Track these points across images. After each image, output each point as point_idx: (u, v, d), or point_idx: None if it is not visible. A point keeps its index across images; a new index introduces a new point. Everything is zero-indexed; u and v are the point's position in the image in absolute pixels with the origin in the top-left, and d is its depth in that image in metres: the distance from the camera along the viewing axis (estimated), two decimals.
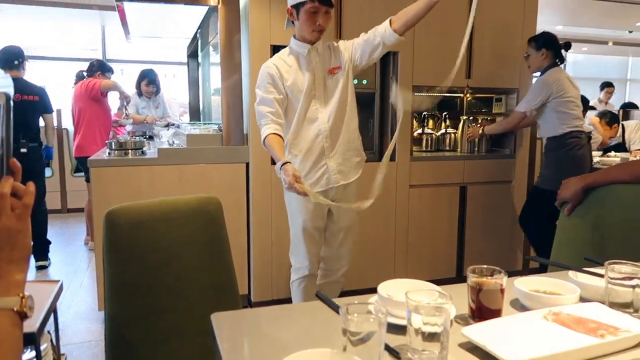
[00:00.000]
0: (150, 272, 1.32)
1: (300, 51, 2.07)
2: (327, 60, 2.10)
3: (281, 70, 2.04)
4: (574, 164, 2.89)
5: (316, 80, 2.06)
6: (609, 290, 1.00)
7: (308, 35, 2.02)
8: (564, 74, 2.94)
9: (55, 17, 6.48)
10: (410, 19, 1.96)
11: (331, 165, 2.11)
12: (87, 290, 3.35)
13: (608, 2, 6.03)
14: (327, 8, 1.97)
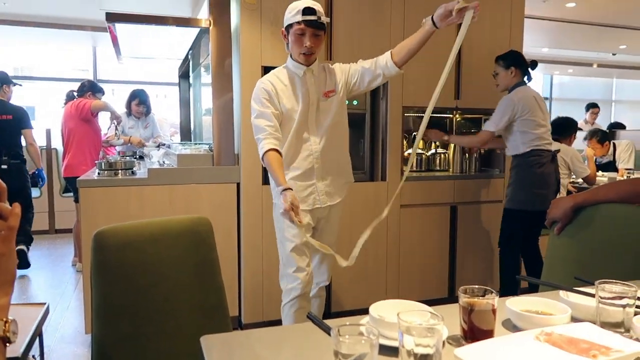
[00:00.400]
0: (138, 294, 1.30)
1: (297, 72, 2.09)
2: (322, 83, 2.12)
3: (277, 88, 2.05)
4: (533, 182, 2.90)
5: (310, 101, 2.08)
6: (600, 310, 1.00)
7: (297, 57, 2.05)
8: (531, 93, 2.94)
9: (47, 38, 6.50)
10: (411, 52, 2.05)
11: (319, 186, 2.14)
12: (74, 313, 3.28)
13: (591, 25, 6.19)
14: (315, 30, 1.97)
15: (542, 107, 2.94)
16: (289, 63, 2.12)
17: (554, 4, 5.35)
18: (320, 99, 2.10)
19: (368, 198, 3.03)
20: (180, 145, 3.67)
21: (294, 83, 2.09)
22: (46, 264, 4.50)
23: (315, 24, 1.96)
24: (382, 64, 2.08)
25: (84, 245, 2.63)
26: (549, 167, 2.93)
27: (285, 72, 2.11)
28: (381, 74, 2.10)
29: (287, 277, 2.16)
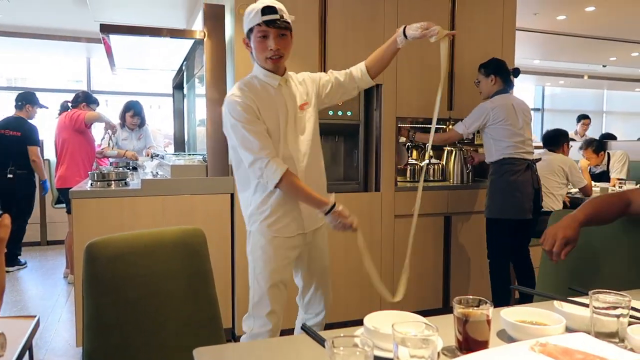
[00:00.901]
0: (131, 306, 1.29)
1: (270, 82, 1.83)
2: (296, 94, 1.89)
3: (255, 99, 1.77)
4: (506, 190, 2.91)
5: (289, 116, 1.83)
6: (594, 320, 1.00)
7: (263, 63, 1.80)
8: (511, 101, 2.95)
9: (41, 48, 6.50)
10: (385, 65, 1.97)
11: (303, 210, 1.86)
12: (65, 326, 3.24)
13: (582, 38, 6.27)
14: (279, 30, 1.73)
15: (522, 116, 2.94)
16: (258, 73, 1.85)
17: (545, 16, 5.43)
18: (297, 112, 1.87)
19: (362, 209, 3.03)
20: (174, 156, 3.66)
21: (270, 95, 1.82)
22: (37, 276, 4.45)
23: (278, 24, 1.72)
24: (357, 77, 1.96)
25: (76, 257, 2.60)
26: (524, 175, 2.91)
27: (256, 84, 1.83)
28: (356, 87, 1.99)
29: (257, 320, 1.86)
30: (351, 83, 1.98)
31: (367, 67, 1.96)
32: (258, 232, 1.86)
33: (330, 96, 2.00)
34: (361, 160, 3.13)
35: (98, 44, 5.59)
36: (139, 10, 4.68)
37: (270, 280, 1.84)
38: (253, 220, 1.87)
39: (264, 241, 1.85)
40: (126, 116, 4.68)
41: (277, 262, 1.85)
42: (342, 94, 2.01)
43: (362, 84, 1.98)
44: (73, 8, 4.90)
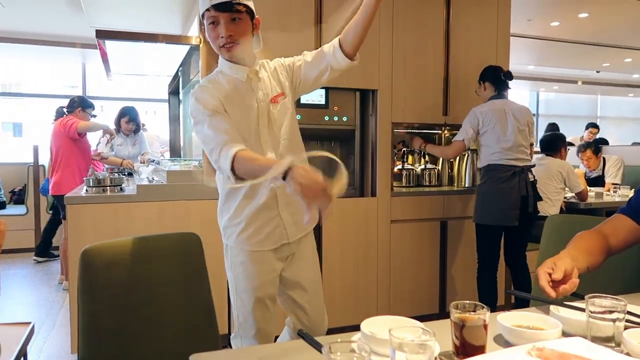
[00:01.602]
0: (126, 312, 1.28)
1: (237, 76, 1.61)
2: (268, 86, 1.66)
3: (221, 97, 1.57)
4: (488, 196, 2.94)
5: (260, 111, 1.61)
6: (591, 324, 1.01)
7: (219, 52, 1.60)
8: (501, 106, 2.95)
9: (36, 54, 6.49)
10: (357, 33, 1.59)
11: (285, 216, 1.66)
12: (60, 332, 3.22)
13: (575, 44, 6.32)
14: (231, 14, 1.51)
15: (513, 121, 2.93)
16: (223, 66, 1.64)
17: (539, 23, 5.47)
18: (270, 106, 1.63)
19: (358, 214, 3.03)
20: (170, 162, 3.65)
21: (237, 90, 1.60)
22: (32, 282, 4.42)
23: (227, 7, 1.50)
24: (329, 55, 1.63)
25: (71, 263, 2.58)
26: (509, 182, 2.90)
27: (221, 79, 1.62)
28: (328, 68, 1.65)
29: (245, 340, 1.68)
30: (322, 62, 1.66)
31: (341, 39, 1.62)
32: (235, 246, 1.67)
33: (304, 83, 1.72)
34: (357, 165, 3.13)
35: (93, 50, 5.58)
36: (135, 16, 4.68)
37: (254, 297, 1.64)
38: (229, 234, 1.68)
39: (243, 256, 1.65)
40: (121, 122, 4.67)
41: (262, 278, 1.65)
42: (316, 78, 1.69)
43: (336, 63, 1.64)
44: (68, 14, 4.90)
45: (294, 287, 1.75)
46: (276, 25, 2.78)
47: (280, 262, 1.70)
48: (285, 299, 1.79)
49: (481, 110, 2.97)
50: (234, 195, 1.64)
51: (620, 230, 1.39)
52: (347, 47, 1.61)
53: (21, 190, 5.90)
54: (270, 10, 2.77)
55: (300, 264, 1.75)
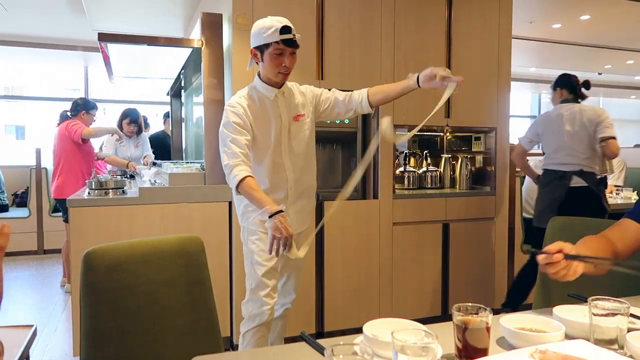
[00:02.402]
0: (129, 315, 1.28)
1: (267, 94, 1.99)
2: (293, 106, 2.04)
3: (249, 112, 1.95)
4: (537, 198, 3.18)
5: (283, 126, 1.99)
6: (594, 327, 1.00)
7: (274, 77, 1.95)
8: (560, 111, 3.09)
9: (38, 57, 6.51)
10: (387, 100, 2.08)
11: (291, 214, 2.00)
12: (62, 335, 3.22)
13: (577, 46, 6.31)
14: (292, 49, 1.91)
15: (566, 125, 3.04)
16: (257, 84, 2.01)
17: (541, 25, 5.46)
18: (291, 123, 2.02)
19: (360, 216, 3.03)
20: (172, 164, 3.66)
21: (265, 107, 1.99)
22: (34, 285, 4.42)
23: (293, 43, 1.90)
24: (357, 101, 2.06)
25: (74, 266, 2.59)
26: (549, 186, 3.06)
27: (254, 95, 2.00)
28: (353, 110, 2.08)
29: (256, 302, 2.02)
30: (349, 105, 2.08)
31: (370, 95, 2.05)
32: (252, 227, 2.03)
33: (326, 113, 2.12)
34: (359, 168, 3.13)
35: (96, 53, 5.61)
36: (137, 19, 4.70)
37: (264, 267, 2.00)
38: (246, 217, 2.05)
39: (258, 235, 2.01)
40: (123, 124, 4.68)
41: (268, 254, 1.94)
42: (338, 113, 2.12)
43: (360, 110, 2.08)
44: (71, 17, 4.92)
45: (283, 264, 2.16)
46: None
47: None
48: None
49: (540, 117, 3.22)
50: None
51: (627, 235, 1.37)
52: (374, 102, 2.07)
53: (24, 193, 5.91)
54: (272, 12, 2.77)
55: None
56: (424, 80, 1.92)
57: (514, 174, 3.50)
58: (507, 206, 3.44)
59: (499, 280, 3.44)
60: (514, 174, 3.50)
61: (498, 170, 3.40)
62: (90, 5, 4.20)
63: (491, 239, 3.40)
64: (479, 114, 3.34)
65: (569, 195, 2.96)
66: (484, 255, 3.39)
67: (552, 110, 3.17)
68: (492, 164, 3.42)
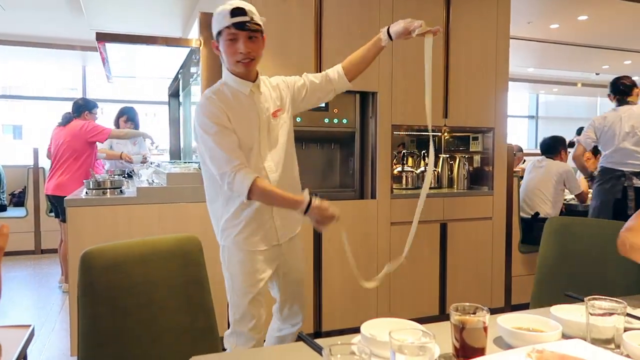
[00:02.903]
0: (127, 315, 1.28)
1: (241, 89, 1.76)
2: (270, 101, 1.82)
3: (226, 109, 1.71)
4: (595, 197, 3.33)
5: (261, 124, 1.76)
6: (591, 326, 1.01)
7: (233, 67, 1.73)
8: (621, 113, 3.20)
9: (36, 57, 6.50)
10: (363, 66, 1.92)
11: (277, 220, 1.82)
12: (59, 335, 3.21)
13: (574, 46, 6.33)
14: (249, 33, 1.66)
15: (626, 127, 3.16)
16: (227, 79, 1.78)
17: (539, 25, 5.47)
18: (270, 120, 1.80)
19: (358, 216, 3.03)
20: (170, 164, 3.65)
21: (241, 103, 1.75)
22: (31, 285, 4.42)
23: (248, 26, 1.65)
24: (334, 79, 1.90)
25: (71, 266, 2.58)
26: (606, 184, 3.20)
27: (226, 91, 1.76)
28: (332, 90, 1.92)
29: (241, 337, 1.80)
30: (327, 86, 1.91)
31: (345, 69, 1.90)
32: (234, 246, 1.80)
33: (306, 101, 1.92)
34: (357, 167, 3.13)
35: (94, 52, 5.59)
36: (135, 18, 4.70)
37: (250, 294, 1.78)
38: (226, 235, 1.80)
39: (241, 255, 1.79)
40: (120, 121, 4.71)
41: (257, 276, 1.79)
42: (319, 98, 1.94)
43: (339, 87, 1.92)
44: (69, 16, 4.91)
45: (279, 283, 1.93)
46: (276, 35, 2.79)
47: (272, 261, 1.84)
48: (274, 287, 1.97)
49: (598, 118, 3.34)
50: (233, 201, 1.77)
51: None
52: (350, 75, 1.90)
53: (21, 193, 5.90)
54: (271, 14, 2.77)
55: (290, 263, 1.91)
56: (396, 36, 1.85)
57: (512, 174, 3.51)
58: (505, 206, 3.45)
59: (497, 280, 3.45)
60: (512, 174, 3.50)
61: (496, 170, 3.41)
62: (89, 5, 4.19)
63: (489, 239, 3.40)
64: (477, 114, 3.35)
65: (626, 194, 3.11)
66: (482, 255, 3.39)
67: (609, 110, 3.30)
68: (489, 164, 3.42)
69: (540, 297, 1.73)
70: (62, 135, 4.07)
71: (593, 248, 1.62)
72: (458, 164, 3.50)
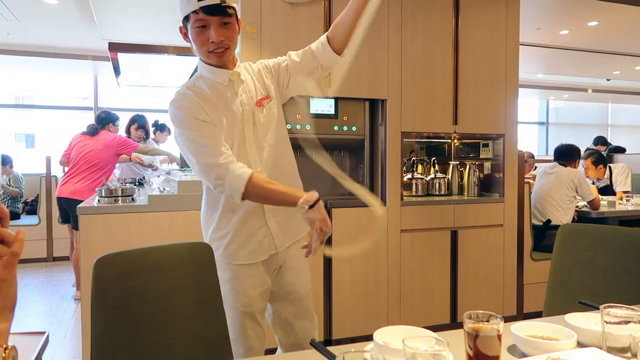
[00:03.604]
0: (139, 322, 1.29)
1: (218, 79, 1.54)
2: (252, 89, 1.59)
3: (202, 103, 1.49)
4: None
5: (245, 117, 1.54)
6: (606, 335, 0.99)
7: (205, 57, 1.52)
8: None
9: (49, 66, 6.59)
10: (346, 30, 1.54)
11: (272, 225, 1.58)
12: (71, 342, 3.23)
13: (585, 52, 6.30)
14: (221, 18, 1.44)
15: None
16: (202, 71, 1.56)
17: (548, 31, 5.46)
18: (255, 110, 1.56)
19: (368, 223, 3.02)
20: (181, 172, 3.68)
21: (220, 95, 1.53)
22: (44, 292, 4.45)
23: (218, 10, 1.42)
24: (318, 51, 1.59)
25: (83, 273, 2.60)
26: None
27: (202, 85, 1.55)
28: (318, 66, 1.60)
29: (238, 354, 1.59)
30: (312, 61, 1.60)
31: (329, 36, 1.58)
32: (222, 261, 1.56)
33: (293, 83, 1.64)
34: (367, 175, 3.13)
35: (105, 62, 5.67)
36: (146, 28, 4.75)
37: (246, 314, 1.56)
38: (215, 247, 1.52)
39: (231, 272, 1.56)
40: (131, 129, 4.78)
41: (253, 292, 1.57)
42: (305, 78, 1.63)
43: (325, 61, 1.59)
44: (81, 27, 4.98)
45: (280, 299, 1.66)
46: (285, 41, 2.81)
47: (269, 274, 1.61)
48: (271, 313, 1.70)
49: None
50: (215, 206, 1.57)
51: None
52: (335, 43, 1.57)
53: (34, 201, 5.97)
54: (280, 20, 2.80)
55: (288, 276, 1.65)
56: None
57: (523, 181, 3.48)
58: (516, 213, 3.42)
59: (509, 288, 3.42)
60: (523, 180, 3.48)
61: (506, 177, 3.39)
62: (101, 15, 4.25)
63: (500, 246, 3.38)
64: (487, 120, 3.34)
65: None
66: (493, 263, 3.36)
67: None
68: (500, 170, 3.41)
69: (553, 305, 1.71)
70: (90, 144, 4.19)
71: (607, 255, 1.61)
72: (468, 170, 3.49)
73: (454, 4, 3.22)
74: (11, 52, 5.83)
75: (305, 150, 2.24)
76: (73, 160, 4.19)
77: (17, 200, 5.72)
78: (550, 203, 3.71)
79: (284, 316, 1.68)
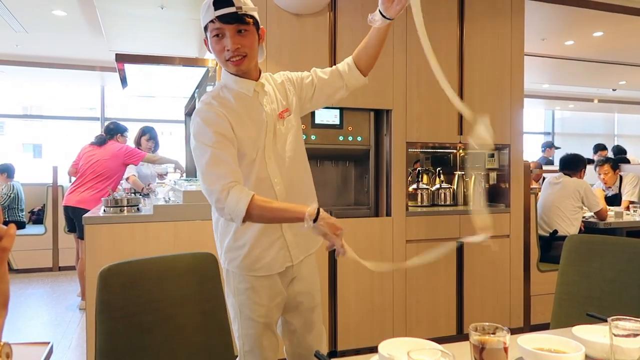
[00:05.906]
0: (144, 332, 1.28)
1: (243, 90, 1.54)
2: (275, 100, 1.59)
3: (228, 115, 1.47)
4: None
5: (267, 128, 1.54)
6: (615, 348, 0.98)
7: (224, 66, 1.52)
8: None
9: (56, 77, 6.67)
10: (373, 55, 1.64)
11: (288, 237, 1.57)
12: (75, 352, 3.22)
13: (590, 62, 6.29)
14: (237, 26, 1.44)
15: None
16: (227, 81, 1.56)
17: (553, 42, 5.46)
18: (276, 122, 1.56)
19: (373, 234, 3.01)
20: (186, 182, 3.69)
21: (245, 106, 1.52)
22: (49, 302, 4.45)
23: (234, 18, 1.42)
24: (345, 72, 1.66)
25: (89, 283, 2.60)
26: None
27: (227, 95, 1.53)
28: (344, 86, 1.66)
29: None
30: (337, 81, 1.67)
31: (355, 59, 1.65)
32: (239, 272, 1.56)
33: (315, 99, 1.69)
34: (372, 185, 3.13)
35: (112, 73, 5.73)
36: (153, 39, 4.80)
37: (263, 324, 1.55)
38: (230, 258, 1.56)
39: (248, 282, 1.55)
40: (142, 140, 4.81)
41: (269, 303, 1.56)
42: (329, 95, 1.69)
43: (351, 81, 1.66)
44: (89, 38, 5.04)
45: (290, 310, 1.66)
46: (291, 52, 2.83)
47: (284, 285, 1.61)
48: (281, 324, 1.70)
49: None
50: None
51: None
52: (362, 66, 1.65)
53: (40, 211, 6.00)
54: (285, 31, 2.82)
55: (298, 287, 1.64)
56: (385, 9, 1.54)
57: (529, 191, 3.47)
58: (522, 223, 3.40)
59: (515, 299, 3.39)
60: (529, 190, 3.47)
61: (512, 187, 3.38)
62: (108, 27, 4.30)
63: (506, 257, 3.36)
64: (493, 130, 3.32)
65: None
66: (500, 274, 3.34)
67: None
68: (506, 180, 3.39)
69: (560, 317, 1.69)
70: (97, 154, 4.22)
71: (614, 267, 1.59)
72: (474, 181, 3.48)
73: (459, 15, 3.23)
74: (20, 63, 5.90)
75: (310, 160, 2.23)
76: (81, 170, 4.23)
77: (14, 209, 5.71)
78: (556, 214, 3.69)
79: (293, 327, 1.67)
